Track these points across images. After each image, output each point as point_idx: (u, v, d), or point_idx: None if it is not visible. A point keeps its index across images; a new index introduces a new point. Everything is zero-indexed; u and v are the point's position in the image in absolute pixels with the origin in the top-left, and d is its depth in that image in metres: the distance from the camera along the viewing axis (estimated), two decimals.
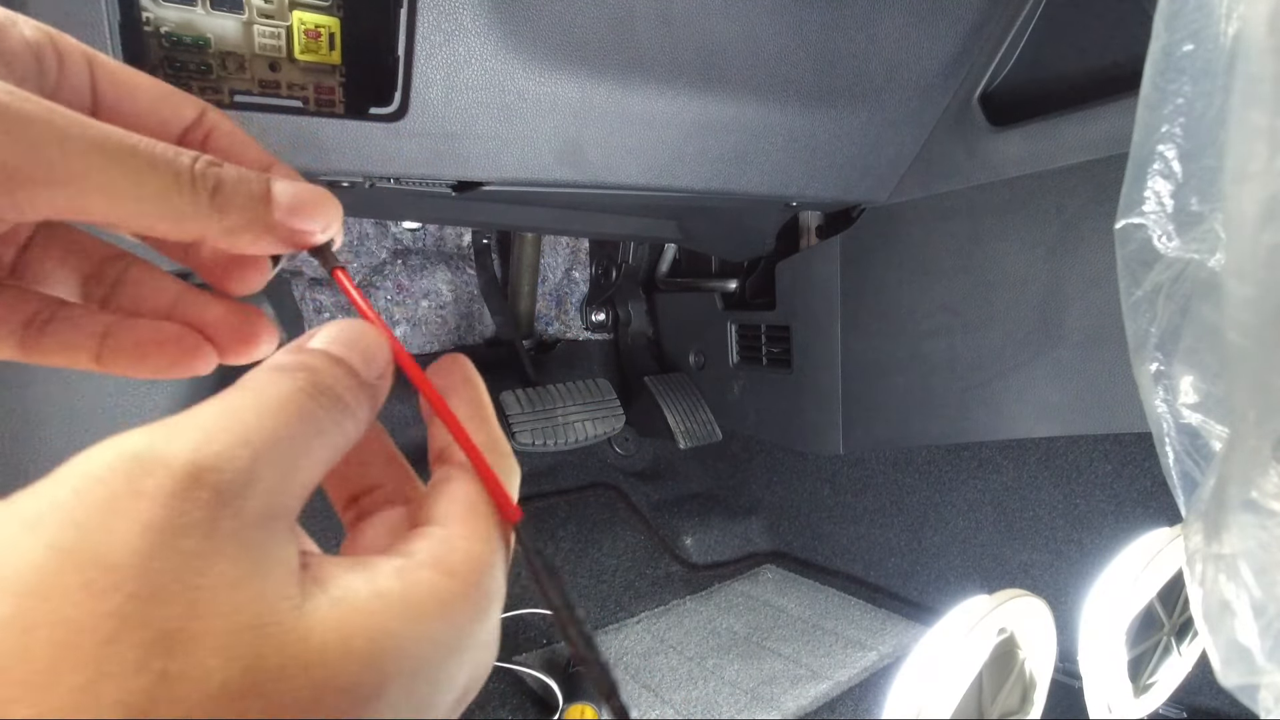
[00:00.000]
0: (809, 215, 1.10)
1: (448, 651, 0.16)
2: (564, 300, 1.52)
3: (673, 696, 0.86)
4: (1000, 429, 0.87)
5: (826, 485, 1.17)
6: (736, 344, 1.26)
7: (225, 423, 0.14)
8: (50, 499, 0.13)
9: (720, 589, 1.14)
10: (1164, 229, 0.41)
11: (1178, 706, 0.79)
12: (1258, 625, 0.36)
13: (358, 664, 0.14)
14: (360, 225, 1.28)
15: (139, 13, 0.45)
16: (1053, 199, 0.78)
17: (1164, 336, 0.42)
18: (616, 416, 1.28)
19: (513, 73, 0.59)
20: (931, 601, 1.04)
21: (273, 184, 0.20)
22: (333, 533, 0.21)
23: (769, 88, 0.72)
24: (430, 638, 0.15)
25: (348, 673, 0.13)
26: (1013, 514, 0.94)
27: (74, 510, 0.12)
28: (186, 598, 0.12)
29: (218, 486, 0.13)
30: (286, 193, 0.20)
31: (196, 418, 0.14)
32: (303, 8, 0.49)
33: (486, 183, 0.67)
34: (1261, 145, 0.33)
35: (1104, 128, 0.73)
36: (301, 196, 0.20)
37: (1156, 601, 0.64)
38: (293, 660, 0.13)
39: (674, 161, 0.74)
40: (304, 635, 0.13)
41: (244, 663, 0.12)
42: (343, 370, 0.17)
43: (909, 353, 0.94)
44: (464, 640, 0.16)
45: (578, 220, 1.07)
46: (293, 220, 0.20)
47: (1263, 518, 0.36)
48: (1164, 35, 0.39)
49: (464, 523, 0.18)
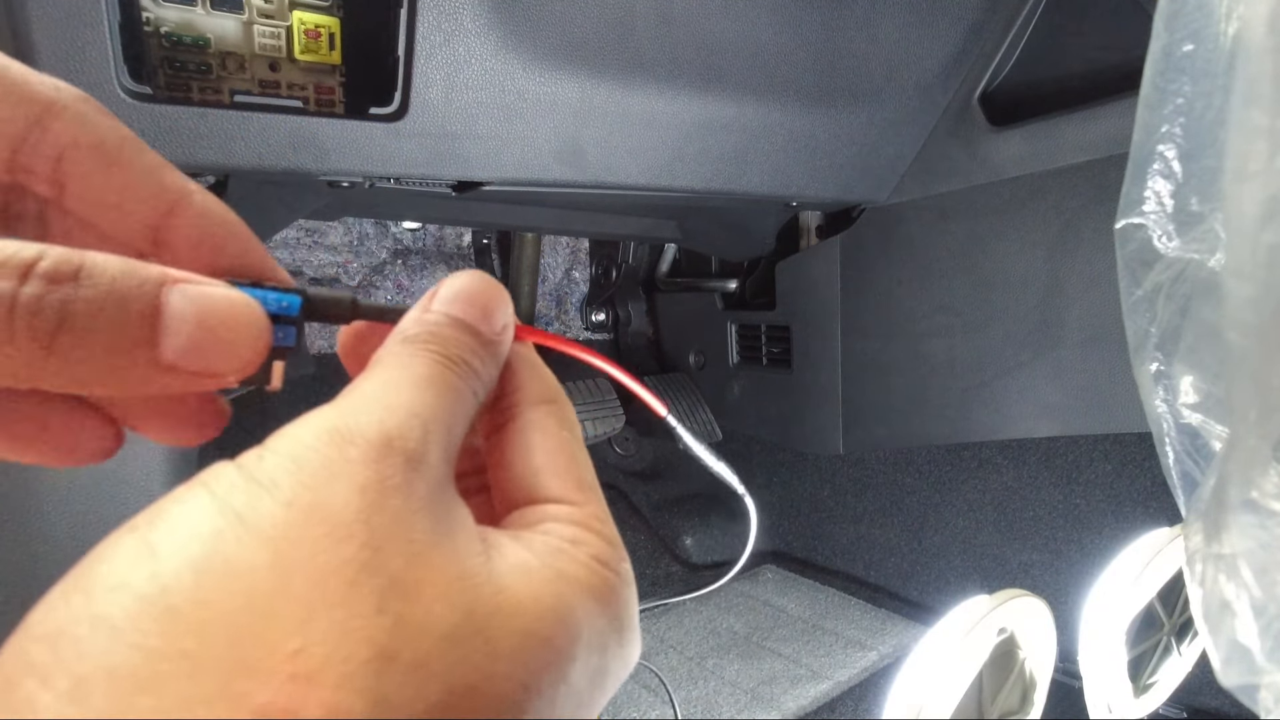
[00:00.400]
0: (809, 215, 1.10)
1: (614, 635, 0.16)
2: (564, 300, 1.52)
3: (672, 696, 0.87)
4: (1000, 429, 0.87)
5: (826, 485, 1.17)
6: (736, 344, 1.26)
7: (392, 398, 0.15)
8: (276, 465, 0.14)
9: (720, 589, 1.14)
10: (1164, 229, 0.41)
11: (1178, 706, 0.79)
12: (1258, 625, 0.36)
13: (553, 619, 0.14)
14: (360, 225, 1.28)
15: (139, 13, 0.45)
16: (1053, 199, 0.78)
17: (1164, 336, 0.42)
18: (616, 416, 1.28)
19: (513, 73, 0.59)
20: (931, 601, 1.04)
21: (168, 296, 0.14)
22: None
23: (769, 88, 0.72)
24: (599, 614, 0.16)
25: (545, 625, 0.14)
26: (1013, 514, 0.94)
27: (299, 474, 0.13)
28: (406, 550, 0.13)
29: (406, 453, 0.14)
30: (189, 312, 0.15)
31: (366, 395, 0.15)
32: (303, 8, 0.49)
33: (486, 183, 0.67)
34: (1261, 145, 0.33)
35: (1104, 128, 0.73)
36: (217, 312, 0.15)
37: (1156, 601, 0.64)
38: (498, 610, 0.14)
39: (674, 161, 0.74)
40: (500, 589, 0.14)
41: (464, 610, 0.13)
42: (469, 336, 0.18)
43: (909, 353, 0.94)
44: (624, 630, 0.17)
45: (578, 220, 1.08)
46: (197, 359, 0.15)
47: (1263, 518, 0.36)
48: (1164, 35, 0.39)
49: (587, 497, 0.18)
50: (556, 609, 0.15)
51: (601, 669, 0.16)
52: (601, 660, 0.15)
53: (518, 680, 0.13)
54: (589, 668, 0.15)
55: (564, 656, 0.14)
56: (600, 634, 0.15)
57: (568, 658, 0.14)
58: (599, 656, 0.15)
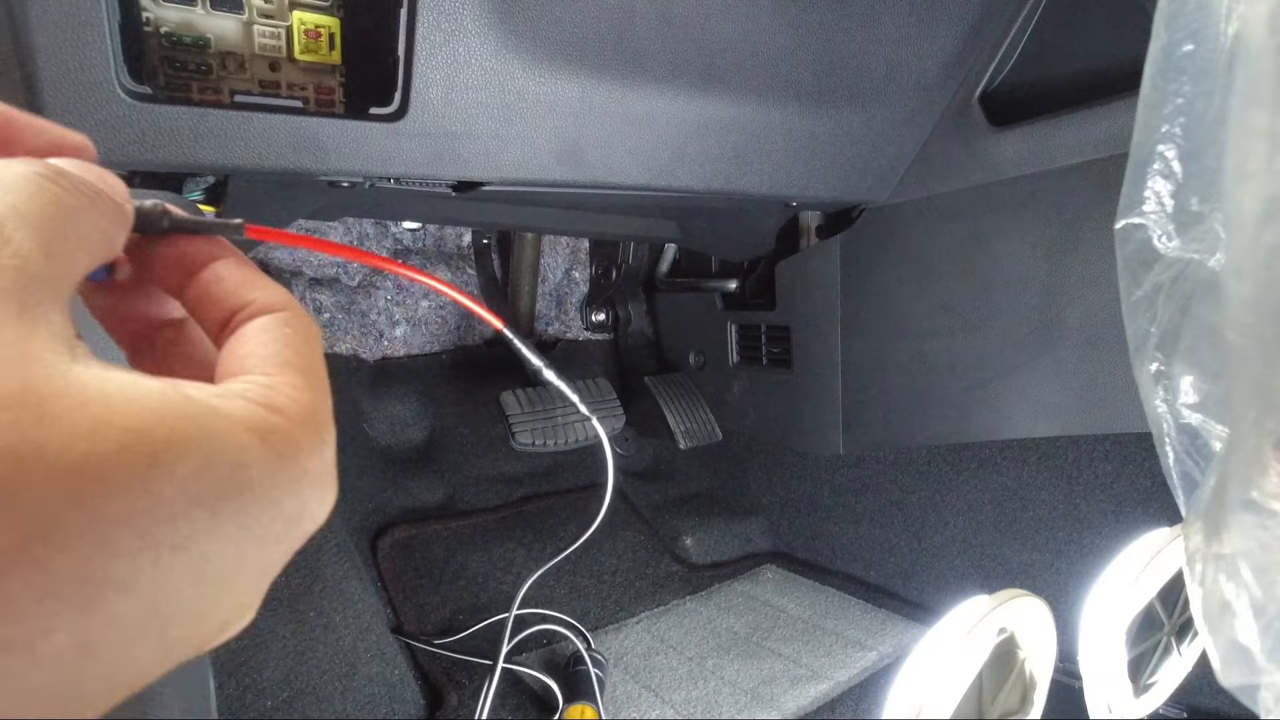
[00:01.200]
0: (809, 215, 1.10)
1: (283, 470, 0.15)
2: (564, 300, 1.52)
3: (673, 696, 0.86)
4: (1000, 429, 0.87)
5: (826, 485, 1.17)
6: (736, 344, 1.26)
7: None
8: None
9: (720, 589, 1.14)
10: (1164, 229, 0.41)
11: (1178, 706, 0.79)
12: (1258, 625, 0.36)
13: (149, 417, 0.13)
14: (360, 225, 1.28)
15: (139, 13, 0.45)
16: (1053, 199, 0.78)
17: (1164, 336, 0.42)
18: (616, 416, 1.28)
19: (513, 73, 0.59)
20: (931, 601, 1.04)
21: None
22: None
23: (769, 88, 0.72)
24: (254, 443, 0.15)
25: (134, 420, 0.13)
26: (1013, 514, 0.94)
27: None
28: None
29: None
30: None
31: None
32: (303, 8, 0.49)
33: (486, 183, 0.67)
34: (1261, 145, 0.33)
35: (1104, 128, 0.73)
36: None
37: (1156, 601, 0.64)
38: (67, 393, 0.13)
39: (674, 161, 0.74)
40: (82, 383, 0.13)
41: (21, 380, 0.13)
42: (81, 169, 0.17)
43: (909, 353, 0.94)
44: (303, 474, 0.16)
45: (578, 220, 1.08)
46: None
47: (1263, 518, 0.36)
48: (1164, 35, 0.39)
49: (285, 372, 0.17)
50: (161, 410, 0.14)
51: (252, 496, 0.15)
52: (252, 489, 0.15)
53: (77, 455, 0.12)
54: (214, 484, 0.14)
55: (160, 458, 0.13)
56: (255, 462, 0.15)
57: (166, 460, 0.13)
58: (240, 478, 0.14)
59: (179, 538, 0.13)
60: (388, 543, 1.06)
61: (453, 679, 0.88)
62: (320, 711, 0.77)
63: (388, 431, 1.21)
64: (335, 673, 0.82)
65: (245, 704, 0.75)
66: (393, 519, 1.11)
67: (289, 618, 0.83)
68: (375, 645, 0.87)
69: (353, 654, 0.84)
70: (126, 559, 0.13)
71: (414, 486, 1.17)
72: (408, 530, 1.10)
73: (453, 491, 1.20)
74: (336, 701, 0.80)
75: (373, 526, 1.08)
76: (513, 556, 1.10)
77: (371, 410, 1.20)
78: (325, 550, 0.90)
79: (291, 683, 0.78)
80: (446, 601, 1.01)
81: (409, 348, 1.32)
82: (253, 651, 0.79)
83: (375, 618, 0.89)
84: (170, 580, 0.13)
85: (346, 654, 0.84)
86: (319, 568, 0.88)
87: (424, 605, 0.99)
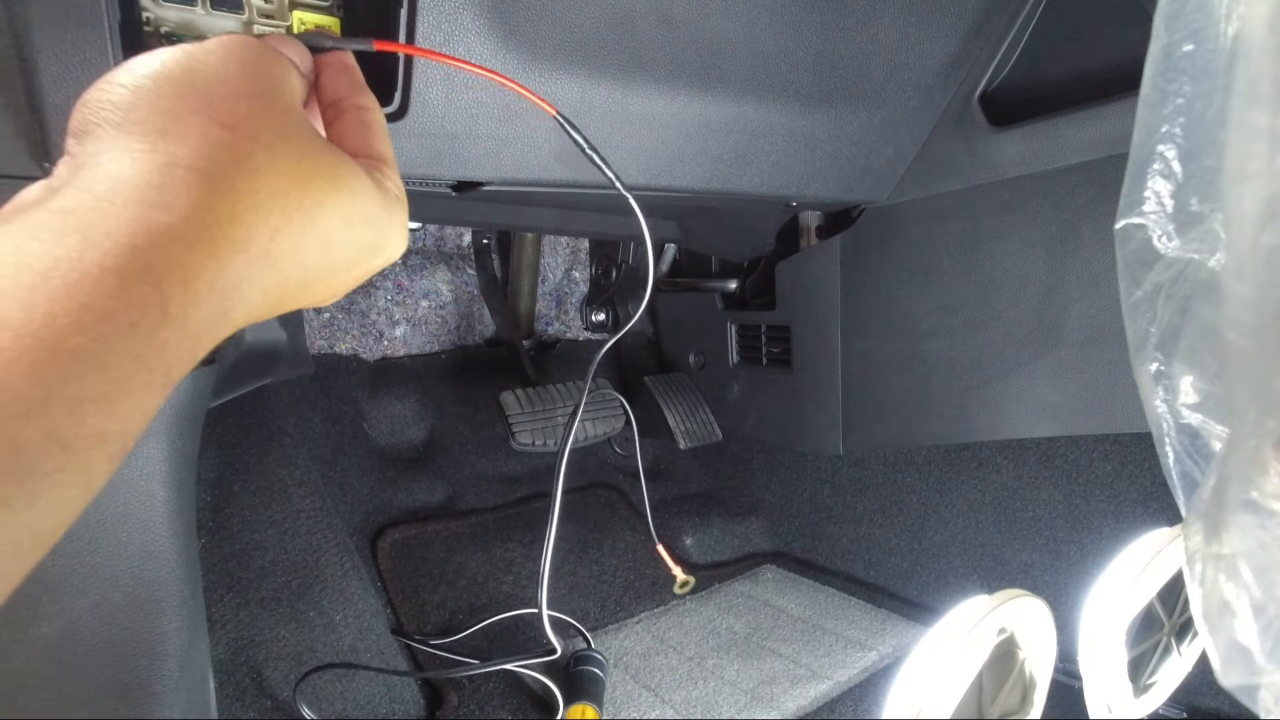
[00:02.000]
0: (809, 215, 1.10)
1: (381, 212, 0.31)
2: (564, 300, 1.52)
3: (673, 696, 0.86)
4: (1000, 429, 0.87)
5: (826, 485, 1.17)
6: (736, 344, 1.26)
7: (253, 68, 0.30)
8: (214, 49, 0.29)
9: (720, 589, 1.14)
10: (1164, 229, 0.41)
11: (1178, 706, 0.79)
12: (1258, 625, 0.36)
13: (334, 157, 0.30)
14: None
15: (139, 13, 0.45)
16: (1053, 199, 0.78)
17: (1164, 336, 0.42)
18: (616, 416, 1.28)
19: (513, 73, 0.59)
20: (931, 601, 1.04)
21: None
22: None
23: (769, 88, 0.72)
24: (372, 193, 0.31)
25: (324, 157, 0.29)
26: (1013, 514, 0.94)
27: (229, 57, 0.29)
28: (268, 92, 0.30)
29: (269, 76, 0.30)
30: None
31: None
32: (303, 8, 0.49)
33: (486, 183, 0.67)
34: (1261, 145, 0.33)
35: (1104, 128, 0.73)
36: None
37: (1156, 601, 0.64)
38: (298, 129, 0.29)
39: (674, 161, 0.74)
40: (311, 131, 0.30)
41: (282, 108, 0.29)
42: (282, 43, 0.34)
43: (909, 353, 0.94)
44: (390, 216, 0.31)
45: (578, 220, 1.07)
46: None
47: (1263, 518, 0.36)
48: (1164, 35, 0.39)
49: (372, 149, 0.34)
50: (336, 156, 0.29)
51: (365, 220, 0.30)
52: (368, 219, 0.30)
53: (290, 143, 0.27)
54: (353, 209, 0.29)
55: (335, 179, 0.28)
56: (370, 201, 0.30)
57: (334, 183, 0.28)
58: (362, 209, 0.29)
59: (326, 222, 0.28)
60: (388, 543, 1.06)
61: (453, 679, 0.88)
62: (320, 711, 0.78)
63: (388, 431, 1.21)
64: (335, 672, 0.82)
65: (245, 704, 0.75)
66: (393, 519, 1.11)
67: (289, 618, 0.83)
68: (375, 645, 0.87)
69: (353, 654, 0.84)
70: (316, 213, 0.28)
71: (414, 486, 1.17)
72: (408, 530, 1.10)
73: (453, 491, 1.20)
74: (336, 701, 0.80)
75: (373, 526, 1.08)
76: (513, 556, 1.10)
77: (371, 410, 1.20)
78: (325, 550, 0.90)
79: (291, 682, 0.78)
80: (446, 601, 1.01)
81: (409, 348, 1.32)
82: (253, 651, 0.79)
83: (375, 618, 0.89)
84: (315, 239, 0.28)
85: (346, 654, 0.84)
86: (319, 568, 0.88)
87: (424, 605, 0.99)
